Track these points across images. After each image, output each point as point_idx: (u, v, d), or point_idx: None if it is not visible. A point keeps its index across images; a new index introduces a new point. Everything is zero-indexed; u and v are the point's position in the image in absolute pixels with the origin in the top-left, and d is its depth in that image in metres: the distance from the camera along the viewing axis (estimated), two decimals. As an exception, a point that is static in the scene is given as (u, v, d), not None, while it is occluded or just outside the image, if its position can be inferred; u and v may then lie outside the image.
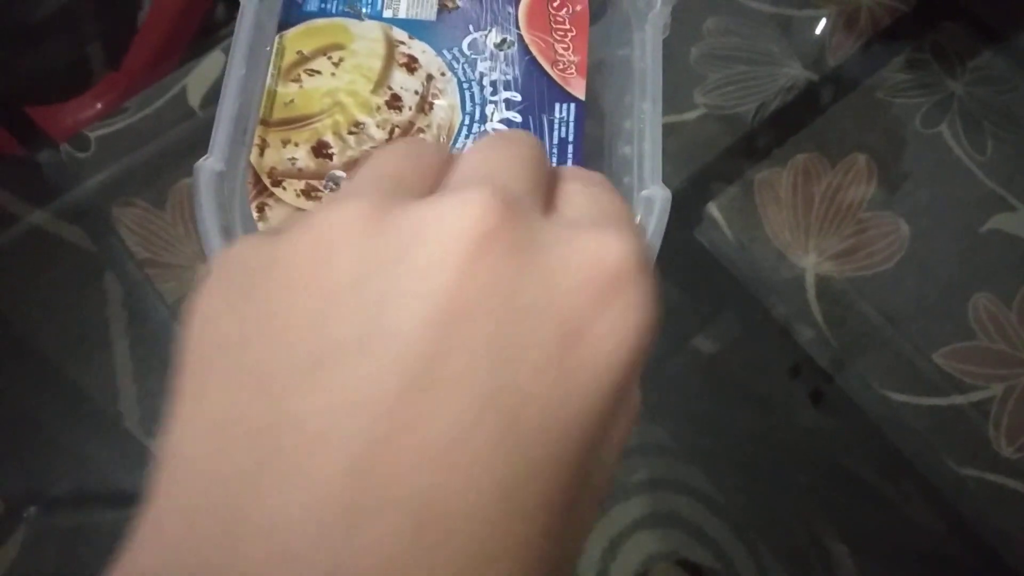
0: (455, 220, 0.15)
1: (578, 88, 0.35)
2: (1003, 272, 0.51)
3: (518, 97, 0.34)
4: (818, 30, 0.59)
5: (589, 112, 0.35)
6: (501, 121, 0.34)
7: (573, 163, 0.34)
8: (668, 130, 0.54)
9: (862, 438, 0.47)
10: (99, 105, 0.62)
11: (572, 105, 0.35)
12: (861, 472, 0.47)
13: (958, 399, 0.48)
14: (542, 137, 0.34)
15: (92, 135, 0.54)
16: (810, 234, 0.52)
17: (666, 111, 0.54)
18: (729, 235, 0.52)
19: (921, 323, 0.49)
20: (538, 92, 0.35)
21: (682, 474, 0.47)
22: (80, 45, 0.60)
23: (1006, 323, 0.49)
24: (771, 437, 0.48)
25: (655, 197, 0.31)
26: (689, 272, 0.51)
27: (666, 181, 0.34)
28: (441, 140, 0.33)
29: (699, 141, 0.54)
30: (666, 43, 0.44)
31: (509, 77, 0.35)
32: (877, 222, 0.52)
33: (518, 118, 0.34)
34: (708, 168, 0.54)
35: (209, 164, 0.30)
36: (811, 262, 0.52)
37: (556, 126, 0.34)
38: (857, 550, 0.45)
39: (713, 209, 0.52)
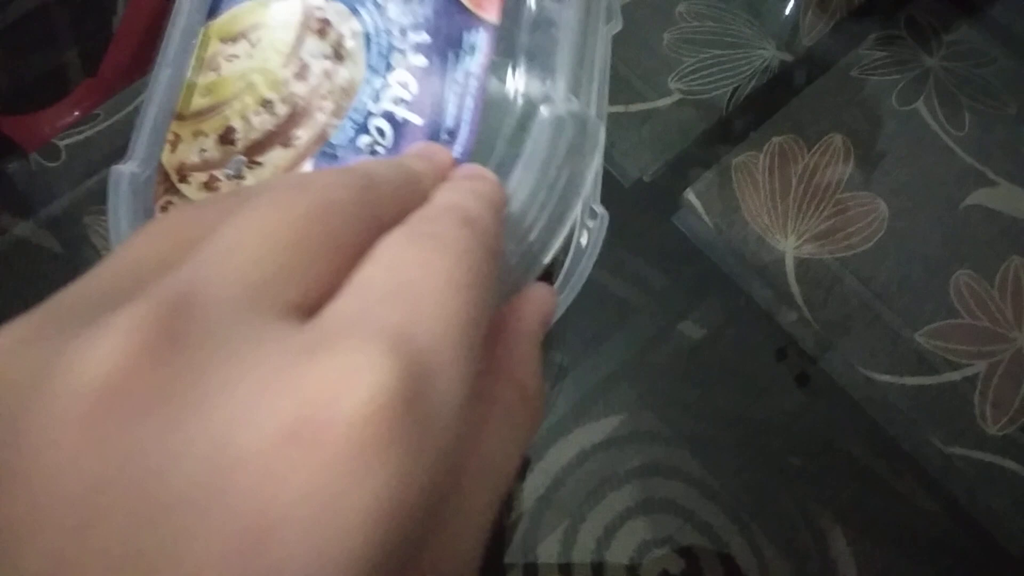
0: (82, 368, 0.10)
1: (490, 9, 0.30)
2: (984, 248, 0.51)
3: (427, 39, 0.30)
4: (789, 10, 0.58)
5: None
6: (407, 69, 0.30)
7: (472, 104, 0.29)
8: (643, 117, 0.54)
9: (849, 419, 0.47)
10: (76, 112, 0.61)
11: (480, 29, 0.29)
12: (852, 452, 0.47)
13: (942, 377, 0.48)
14: (449, 80, 0.29)
15: (61, 143, 0.53)
16: (788, 217, 0.52)
17: (640, 98, 0.54)
18: (708, 221, 0.52)
19: (903, 302, 0.49)
20: (448, 26, 0.30)
21: (674, 460, 0.47)
22: (56, 52, 0.59)
23: (988, 300, 0.49)
24: (761, 420, 0.48)
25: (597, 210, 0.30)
26: (670, 259, 0.51)
27: (642, 168, 0.34)
28: (342, 106, 0.30)
29: (675, 127, 0.54)
30: (639, 29, 0.43)
31: (420, 18, 0.30)
32: (855, 202, 0.52)
33: (424, 61, 0.30)
34: (684, 154, 0.54)
35: (126, 168, 0.29)
36: (790, 245, 0.51)
37: (462, 60, 0.29)
38: (851, 530, 0.45)
39: (691, 195, 0.52)
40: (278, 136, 0.29)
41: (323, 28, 0.31)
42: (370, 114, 0.29)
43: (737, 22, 0.57)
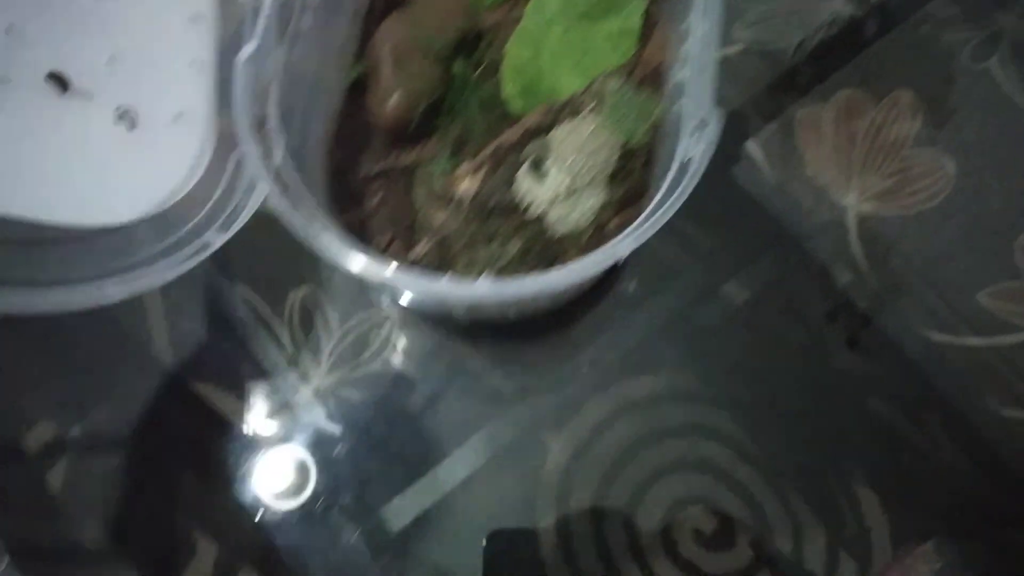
0: None
1: None
2: (1051, 210, 0.48)
3: None
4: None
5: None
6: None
7: None
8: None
9: (899, 382, 0.46)
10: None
11: None
12: (894, 419, 0.45)
13: (1003, 339, 0.46)
14: None
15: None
16: (852, 172, 0.50)
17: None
18: (768, 174, 0.50)
19: (965, 262, 0.48)
20: None
21: (712, 420, 0.46)
22: None
23: (1054, 262, 0.47)
24: (803, 383, 0.47)
25: (708, 120, 0.30)
26: (724, 214, 0.50)
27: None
28: None
29: (738, 77, 0.52)
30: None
31: None
32: (922, 160, 0.50)
33: None
34: (747, 105, 0.52)
35: (245, 51, 0.28)
36: (853, 201, 0.50)
37: None
38: (887, 497, 0.44)
39: (752, 147, 0.51)
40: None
41: None
42: None
43: (806, -27, 0.55)
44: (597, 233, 0.39)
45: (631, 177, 0.39)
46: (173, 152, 0.33)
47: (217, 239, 0.30)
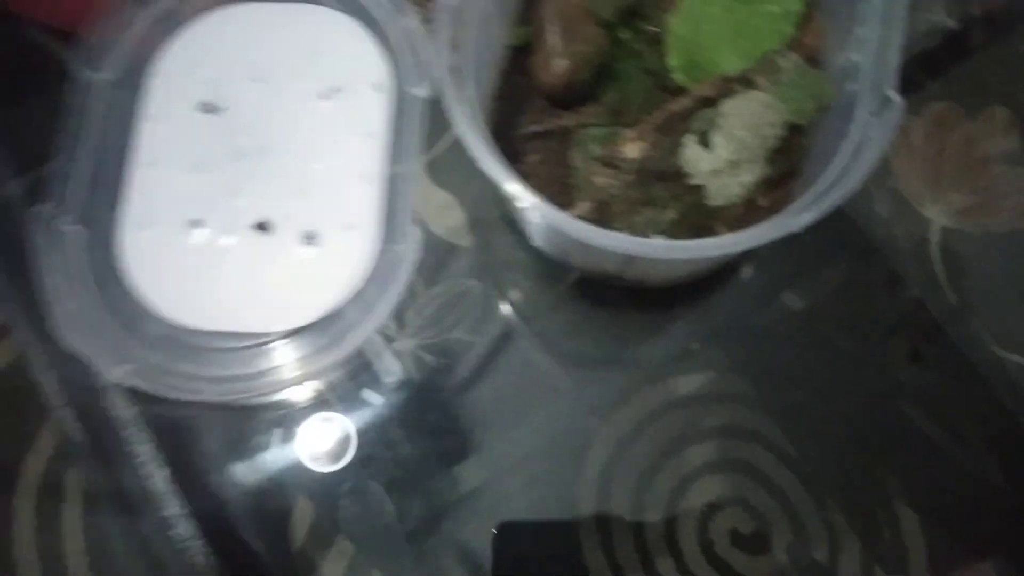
0: None
1: None
2: None
3: None
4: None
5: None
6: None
7: None
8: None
9: (955, 403, 0.45)
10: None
11: None
12: (944, 441, 0.44)
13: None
14: None
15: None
16: (939, 185, 0.49)
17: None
18: None
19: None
20: None
21: (758, 424, 0.46)
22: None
23: None
24: (853, 395, 0.46)
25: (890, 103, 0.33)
26: None
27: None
28: None
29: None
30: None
31: None
32: (1012, 178, 0.48)
33: None
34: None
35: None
36: (937, 214, 0.49)
37: None
38: (928, 518, 0.43)
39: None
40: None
41: None
42: None
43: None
44: (748, 209, 0.40)
45: (788, 157, 0.40)
46: (344, 258, 0.40)
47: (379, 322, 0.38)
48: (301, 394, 0.46)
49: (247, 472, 0.46)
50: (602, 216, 0.40)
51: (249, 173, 0.41)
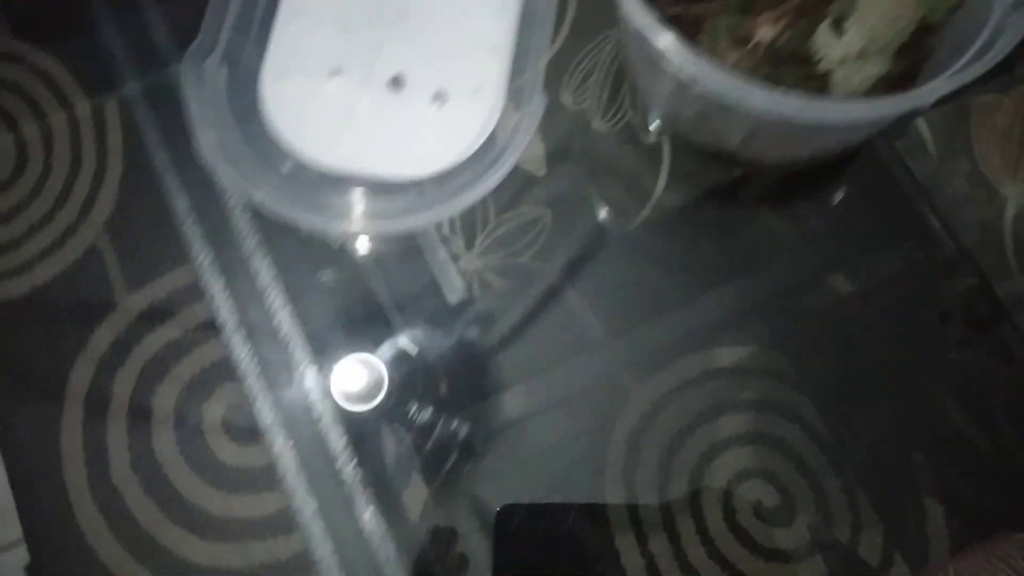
0: None
1: None
2: None
3: None
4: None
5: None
6: None
7: None
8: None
9: (1001, 398, 0.46)
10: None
11: None
12: (981, 437, 0.45)
13: None
14: None
15: None
16: (1021, 164, 0.49)
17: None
18: (932, 150, 0.50)
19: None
20: None
21: (793, 401, 0.47)
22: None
23: None
24: (892, 381, 0.47)
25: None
26: (871, 186, 0.51)
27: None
28: None
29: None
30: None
31: None
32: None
33: None
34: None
35: None
36: (1016, 192, 0.49)
37: None
38: (952, 512, 0.44)
39: (920, 124, 0.51)
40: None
41: None
42: None
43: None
44: None
45: (913, 57, 0.41)
46: (469, 119, 0.43)
47: (496, 179, 0.41)
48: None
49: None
50: None
51: (388, 34, 0.44)
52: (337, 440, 0.46)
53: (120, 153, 0.51)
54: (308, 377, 0.47)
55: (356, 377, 0.44)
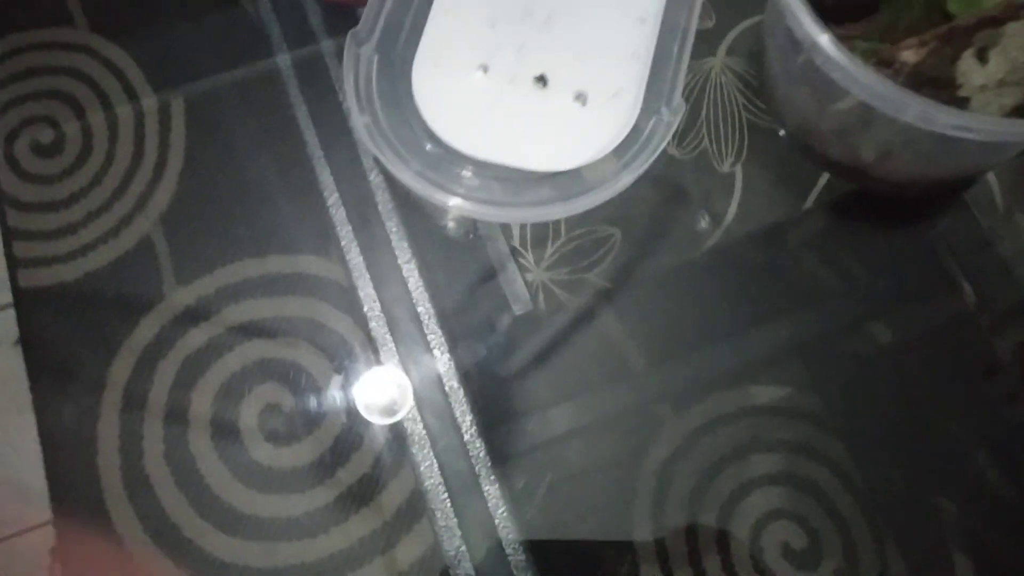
0: None
1: None
2: None
3: None
4: None
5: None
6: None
7: None
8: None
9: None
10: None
11: None
12: (1016, 498, 0.45)
13: None
14: None
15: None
16: None
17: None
18: (999, 202, 0.51)
19: None
20: None
21: (827, 445, 0.47)
22: None
23: None
24: (931, 434, 0.47)
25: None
26: (921, 237, 0.51)
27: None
28: None
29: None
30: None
31: None
32: None
33: None
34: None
35: None
36: None
37: None
38: (983, 572, 0.44)
39: (990, 175, 0.52)
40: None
41: None
42: None
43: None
44: None
45: None
46: (609, 119, 0.45)
47: (629, 177, 0.42)
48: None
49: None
50: None
51: (534, 34, 0.47)
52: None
53: (182, 149, 0.52)
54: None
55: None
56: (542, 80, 0.46)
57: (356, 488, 0.47)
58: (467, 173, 0.44)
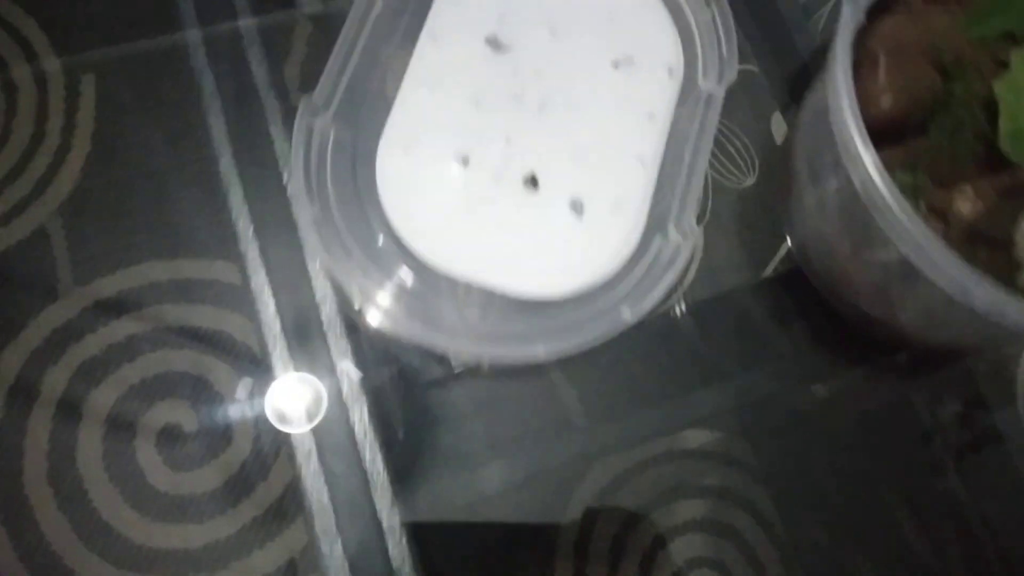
0: None
1: None
2: None
3: None
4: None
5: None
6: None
7: None
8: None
9: (966, 526, 0.46)
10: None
11: None
12: (933, 563, 0.46)
13: None
14: None
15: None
16: None
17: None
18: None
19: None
20: None
21: (753, 493, 0.47)
22: None
23: None
24: (857, 494, 0.47)
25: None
26: None
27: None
28: None
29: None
30: None
31: None
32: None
33: None
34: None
35: None
36: None
37: None
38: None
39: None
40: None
41: None
42: None
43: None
44: None
45: None
46: (609, 236, 0.38)
47: (631, 316, 0.35)
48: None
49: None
50: None
51: (526, 123, 0.39)
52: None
53: (89, 131, 0.47)
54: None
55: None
56: (532, 182, 0.38)
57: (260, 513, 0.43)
58: (441, 298, 0.36)
